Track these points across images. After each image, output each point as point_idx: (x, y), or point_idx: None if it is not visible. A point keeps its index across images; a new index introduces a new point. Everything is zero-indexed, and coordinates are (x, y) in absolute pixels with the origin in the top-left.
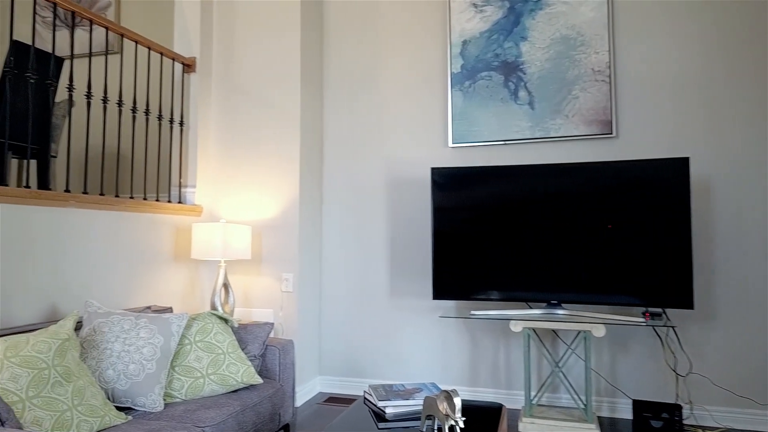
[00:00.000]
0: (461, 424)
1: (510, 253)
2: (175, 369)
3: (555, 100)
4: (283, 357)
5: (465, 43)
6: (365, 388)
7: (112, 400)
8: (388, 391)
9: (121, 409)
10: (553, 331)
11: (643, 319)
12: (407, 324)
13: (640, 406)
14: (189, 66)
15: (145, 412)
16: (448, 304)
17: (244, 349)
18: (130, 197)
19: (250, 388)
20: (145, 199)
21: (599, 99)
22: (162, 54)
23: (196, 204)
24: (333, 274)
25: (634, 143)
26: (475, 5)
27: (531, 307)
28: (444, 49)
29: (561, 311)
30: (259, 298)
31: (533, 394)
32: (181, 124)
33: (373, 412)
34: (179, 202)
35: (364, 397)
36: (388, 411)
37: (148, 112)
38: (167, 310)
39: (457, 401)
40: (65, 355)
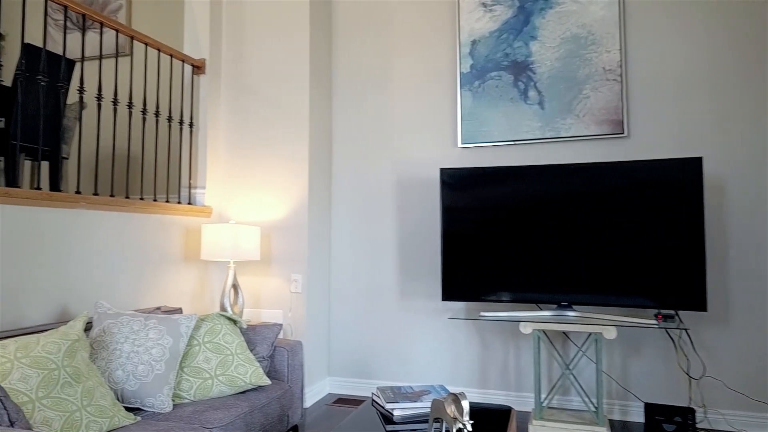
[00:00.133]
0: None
1: (520, 254)
2: (184, 370)
3: (565, 100)
4: (291, 358)
5: (474, 42)
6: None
7: (122, 401)
8: (396, 393)
9: (130, 409)
10: (564, 333)
11: (656, 321)
12: (416, 325)
13: (652, 409)
14: (198, 67)
15: (153, 412)
16: (457, 306)
17: (252, 350)
18: (140, 198)
19: (259, 389)
20: (155, 200)
21: (610, 98)
22: (172, 56)
23: (205, 205)
24: (342, 274)
25: (646, 143)
26: (484, 5)
27: (541, 309)
28: (453, 49)
29: (571, 313)
30: (269, 299)
31: (543, 396)
32: (190, 125)
33: (380, 414)
34: (189, 204)
35: (372, 399)
36: (396, 413)
37: (158, 114)
38: (177, 311)
39: (465, 404)
40: (75, 355)
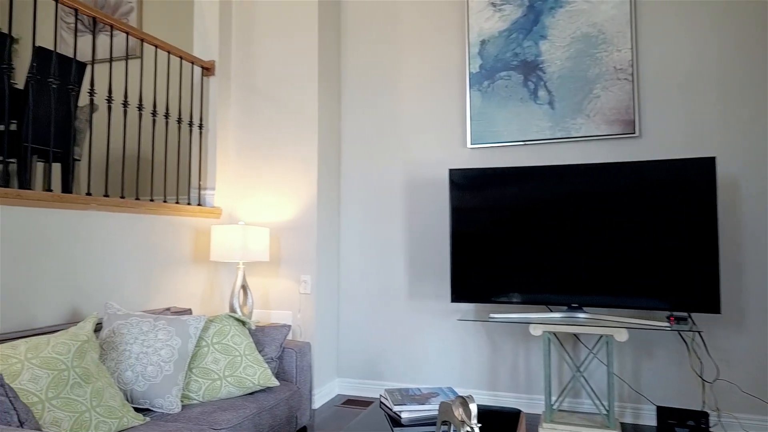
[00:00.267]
0: (477, 431)
1: (530, 255)
2: (193, 371)
3: (576, 100)
4: (299, 359)
5: (483, 42)
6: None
7: (131, 402)
8: (404, 396)
9: (139, 410)
10: (575, 335)
11: (668, 324)
12: (426, 326)
13: (664, 412)
14: (208, 69)
15: (162, 413)
16: (466, 307)
17: (261, 351)
18: (150, 200)
19: (267, 390)
20: (165, 201)
21: (621, 98)
22: (181, 58)
23: (215, 206)
24: (351, 275)
25: (658, 143)
26: (493, 4)
27: (551, 311)
28: (462, 49)
29: (582, 315)
30: (278, 300)
31: (554, 399)
32: (200, 126)
33: (388, 416)
34: (199, 205)
35: (380, 401)
36: (404, 416)
37: (168, 116)
38: (186, 312)
39: (473, 407)
40: (84, 356)
